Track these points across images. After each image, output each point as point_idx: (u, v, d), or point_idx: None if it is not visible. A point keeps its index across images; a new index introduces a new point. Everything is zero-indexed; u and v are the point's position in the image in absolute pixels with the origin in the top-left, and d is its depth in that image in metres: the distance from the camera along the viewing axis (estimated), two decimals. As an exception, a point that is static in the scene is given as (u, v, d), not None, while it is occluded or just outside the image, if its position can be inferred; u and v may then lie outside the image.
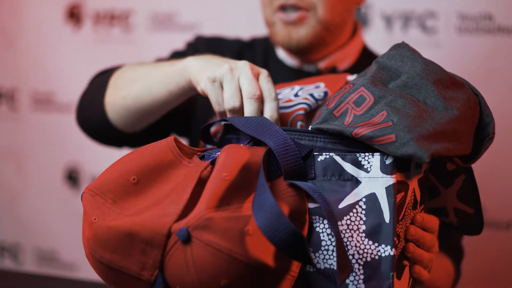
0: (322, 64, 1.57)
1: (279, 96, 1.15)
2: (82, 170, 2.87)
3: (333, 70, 1.57)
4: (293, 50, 1.53)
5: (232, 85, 1.07)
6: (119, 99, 1.38)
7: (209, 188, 0.90)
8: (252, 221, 0.87)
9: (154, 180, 0.97)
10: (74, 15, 2.80)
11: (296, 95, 1.14)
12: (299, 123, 1.09)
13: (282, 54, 1.63)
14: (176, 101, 1.28)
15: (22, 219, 3.04)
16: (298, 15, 1.48)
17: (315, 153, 0.96)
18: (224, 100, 1.08)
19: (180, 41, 1.84)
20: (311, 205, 0.93)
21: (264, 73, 1.10)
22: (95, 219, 0.93)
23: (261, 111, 1.07)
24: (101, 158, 2.74)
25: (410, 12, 2.20)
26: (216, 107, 1.10)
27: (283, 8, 1.49)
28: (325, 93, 1.13)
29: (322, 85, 1.16)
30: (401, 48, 1.02)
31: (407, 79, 0.97)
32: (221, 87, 1.09)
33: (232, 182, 0.91)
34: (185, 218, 0.88)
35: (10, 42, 2.96)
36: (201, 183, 0.94)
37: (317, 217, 0.93)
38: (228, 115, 1.08)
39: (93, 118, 1.48)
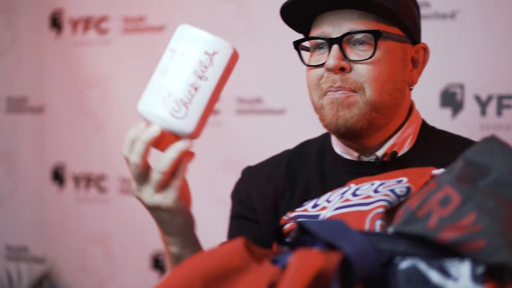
0: (380, 152, 1.50)
1: (358, 192, 1.08)
2: (169, 256, 2.83)
3: (392, 156, 1.48)
4: (341, 132, 1.45)
5: None
6: None
7: (278, 299, 0.82)
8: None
9: (220, 287, 0.90)
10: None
11: (376, 191, 1.06)
12: (378, 222, 1.00)
13: (339, 149, 1.56)
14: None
15: (109, 306, 3.01)
16: (345, 93, 1.42)
17: (396, 259, 0.87)
18: None
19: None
20: (392, 319, 0.84)
21: None
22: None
23: None
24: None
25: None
26: None
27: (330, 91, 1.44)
28: (408, 189, 1.05)
29: (404, 180, 1.08)
30: (491, 143, 0.93)
31: (497, 177, 0.88)
32: None
33: (303, 293, 0.83)
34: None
35: (99, 127, 2.98)
36: (271, 291, 0.86)
37: (399, 332, 0.84)
38: None
39: None
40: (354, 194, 1.11)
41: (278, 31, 1.76)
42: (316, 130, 1.58)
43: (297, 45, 1.51)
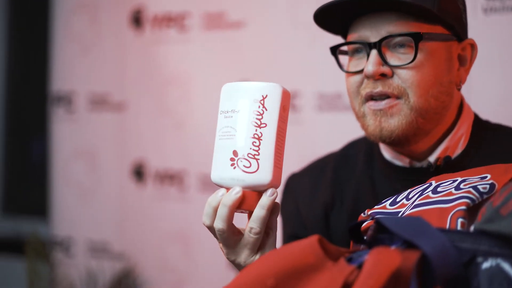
0: (432, 158, 1.41)
1: (439, 189, 1.04)
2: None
3: (446, 160, 1.40)
4: (386, 142, 1.38)
5: None
6: None
7: (354, 298, 0.80)
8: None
9: (293, 285, 0.88)
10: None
11: (457, 188, 1.02)
12: (460, 220, 0.97)
13: (388, 155, 1.48)
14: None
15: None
16: (388, 102, 1.35)
17: (479, 259, 0.83)
18: None
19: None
20: (473, 322, 0.80)
21: None
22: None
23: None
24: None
25: None
26: None
27: (371, 97, 1.37)
28: (492, 186, 1.00)
29: (488, 176, 1.04)
30: None
31: None
32: None
33: (379, 292, 0.80)
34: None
35: (179, 124, 2.99)
36: (346, 290, 0.84)
37: (480, 335, 0.80)
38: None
39: None
40: (435, 191, 1.08)
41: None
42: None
43: (334, 50, 1.44)
